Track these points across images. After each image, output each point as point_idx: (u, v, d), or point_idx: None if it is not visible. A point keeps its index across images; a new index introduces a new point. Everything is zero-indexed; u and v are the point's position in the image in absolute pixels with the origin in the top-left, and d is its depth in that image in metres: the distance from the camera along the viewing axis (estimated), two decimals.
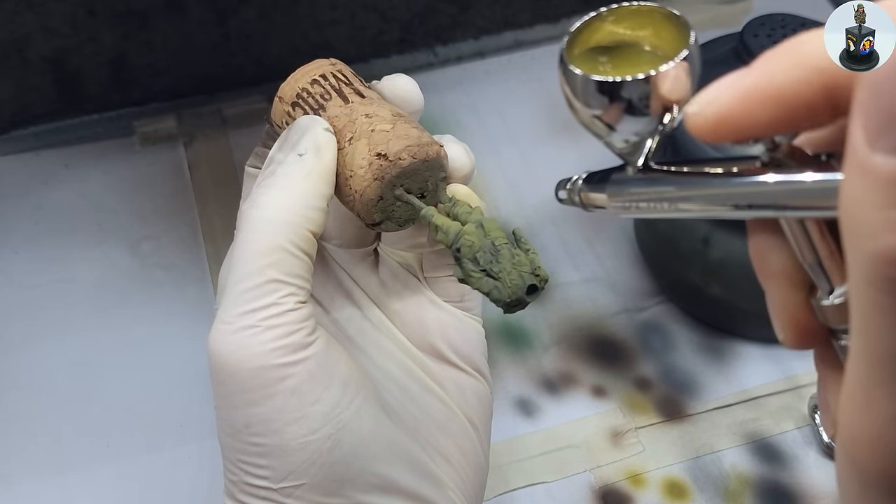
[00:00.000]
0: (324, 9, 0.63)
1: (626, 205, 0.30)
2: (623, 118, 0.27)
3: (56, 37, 0.59)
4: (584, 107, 0.28)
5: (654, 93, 0.27)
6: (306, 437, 0.31)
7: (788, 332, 0.25)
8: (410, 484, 0.34)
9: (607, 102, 0.27)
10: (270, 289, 0.31)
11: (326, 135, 0.33)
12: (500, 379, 0.51)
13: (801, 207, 0.23)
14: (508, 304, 0.32)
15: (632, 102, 0.27)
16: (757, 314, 0.50)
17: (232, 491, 0.33)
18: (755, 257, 0.25)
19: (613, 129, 0.28)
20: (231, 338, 0.31)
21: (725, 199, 0.25)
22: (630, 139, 0.28)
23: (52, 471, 0.47)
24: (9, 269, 0.56)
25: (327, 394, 0.32)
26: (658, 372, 0.51)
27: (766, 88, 0.21)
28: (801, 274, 0.24)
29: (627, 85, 0.27)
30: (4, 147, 0.62)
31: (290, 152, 0.33)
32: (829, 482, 0.47)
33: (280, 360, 0.31)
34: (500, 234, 0.33)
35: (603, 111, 0.28)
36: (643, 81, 0.26)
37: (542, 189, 0.59)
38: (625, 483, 0.47)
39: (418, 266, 0.38)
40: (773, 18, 0.47)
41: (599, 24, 0.30)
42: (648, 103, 0.27)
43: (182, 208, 0.58)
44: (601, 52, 0.30)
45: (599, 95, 0.27)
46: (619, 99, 0.27)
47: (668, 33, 0.29)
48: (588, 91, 0.27)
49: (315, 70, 0.36)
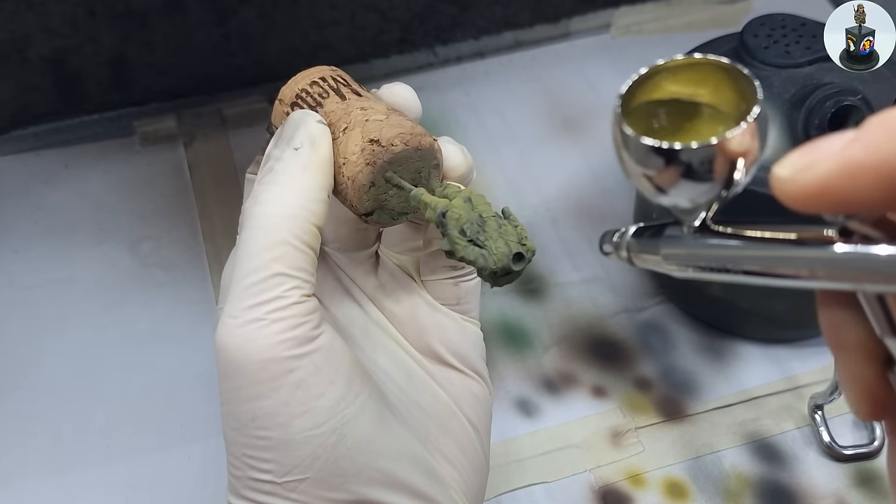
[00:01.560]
0: (324, 9, 0.63)
1: (681, 267, 0.27)
2: (680, 183, 0.25)
3: (56, 37, 0.60)
4: (637, 166, 0.25)
5: (720, 157, 0.24)
6: (311, 431, 0.31)
7: (862, 404, 0.24)
8: (414, 481, 0.34)
9: (663, 165, 0.24)
10: (276, 282, 0.31)
11: (320, 126, 0.33)
12: (499, 379, 0.51)
13: (884, 282, 0.21)
14: (495, 274, 0.32)
15: (692, 168, 0.24)
16: (757, 314, 0.50)
17: (236, 487, 0.33)
18: (827, 328, 0.24)
19: (665, 193, 0.25)
20: (238, 331, 0.31)
21: (798, 269, 0.23)
22: (684, 205, 0.26)
23: (52, 470, 0.47)
24: (9, 269, 0.56)
25: (332, 388, 0.32)
26: (658, 372, 0.51)
27: (877, 165, 0.19)
28: (876, 346, 0.23)
29: (688, 151, 0.24)
30: (4, 147, 0.62)
31: (287, 147, 0.33)
32: (829, 482, 0.47)
33: (286, 352, 0.31)
34: (488, 207, 0.33)
35: (657, 173, 0.25)
36: (707, 147, 0.24)
37: (543, 189, 0.59)
38: (625, 483, 0.47)
39: (415, 270, 0.39)
40: (773, 18, 0.47)
41: (655, 80, 0.26)
42: (712, 168, 0.24)
43: (182, 208, 0.58)
44: (659, 105, 0.27)
45: (656, 158, 0.24)
46: (678, 163, 0.24)
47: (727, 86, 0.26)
48: (643, 154, 0.25)
49: (315, 73, 0.37)
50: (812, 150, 0.21)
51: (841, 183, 0.20)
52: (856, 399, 0.24)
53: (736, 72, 0.25)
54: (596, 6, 0.69)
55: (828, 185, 0.20)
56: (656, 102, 0.27)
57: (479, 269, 0.32)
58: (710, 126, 0.26)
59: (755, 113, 0.24)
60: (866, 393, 0.24)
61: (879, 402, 0.24)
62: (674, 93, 0.26)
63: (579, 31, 0.69)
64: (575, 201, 0.59)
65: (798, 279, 0.23)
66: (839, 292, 0.24)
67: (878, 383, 0.24)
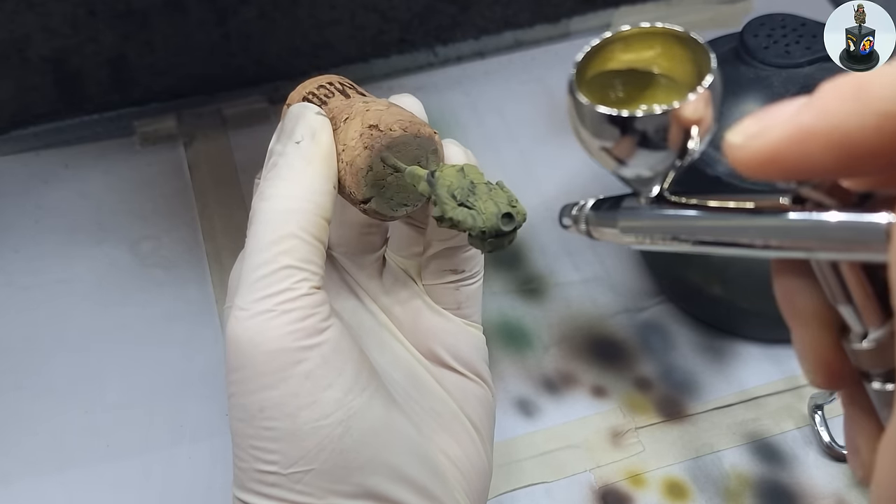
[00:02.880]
0: (324, 9, 0.63)
1: (638, 238, 0.27)
2: (637, 152, 0.25)
3: (56, 37, 0.60)
4: (593, 138, 0.25)
5: (674, 126, 0.24)
6: (318, 422, 0.32)
7: (817, 374, 0.24)
8: (419, 477, 0.34)
9: (619, 135, 0.24)
10: (285, 275, 0.31)
11: (319, 118, 0.34)
12: (500, 379, 0.51)
13: (837, 249, 0.21)
14: (484, 235, 0.32)
15: (647, 136, 0.24)
16: (757, 314, 0.50)
17: (241, 479, 0.33)
18: (781, 297, 0.24)
19: (624, 164, 0.25)
20: (248, 323, 0.31)
21: (752, 238, 0.23)
22: (643, 174, 0.26)
23: (52, 470, 0.47)
24: (9, 269, 0.56)
25: (340, 380, 0.32)
26: (658, 372, 0.51)
27: (828, 131, 0.19)
28: (831, 315, 0.23)
29: (643, 119, 0.24)
30: (4, 147, 0.62)
31: (288, 142, 0.33)
32: (829, 482, 0.47)
33: (296, 343, 0.31)
34: (480, 176, 0.33)
35: (614, 144, 0.25)
36: (661, 115, 0.24)
37: (543, 189, 0.59)
38: (625, 483, 0.47)
39: (417, 274, 0.39)
40: (773, 18, 0.47)
41: (609, 50, 0.26)
42: (666, 137, 0.24)
43: (182, 208, 0.58)
44: (614, 76, 0.27)
45: (611, 128, 0.24)
46: (633, 132, 0.24)
47: (682, 55, 0.26)
48: (598, 124, 0.25)
49: (323, 79, 0.37)
50: (764, 116, 0.20)
51: (792, 148, 0.20)
52: (811, 368, 0.24)
53: (691, 40, 0.25)
54: (596, 6, 0.69)
55: (779, 150, 0.20)
56: (611, 73, 0.26)
57: (469, 233, 0.32)
58: (665, 96, 0.25)
59: (708, 81, 0.24)
60: (822, 362, 0.24)
61: (835, 371, 0.24)
62: (629, 62, 0.26)
63: (579, 31, 0.69)
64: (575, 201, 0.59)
65: (752, 248, 0.23)
66: (794, 261, 0.24)
67: (834, 352, 0.24)
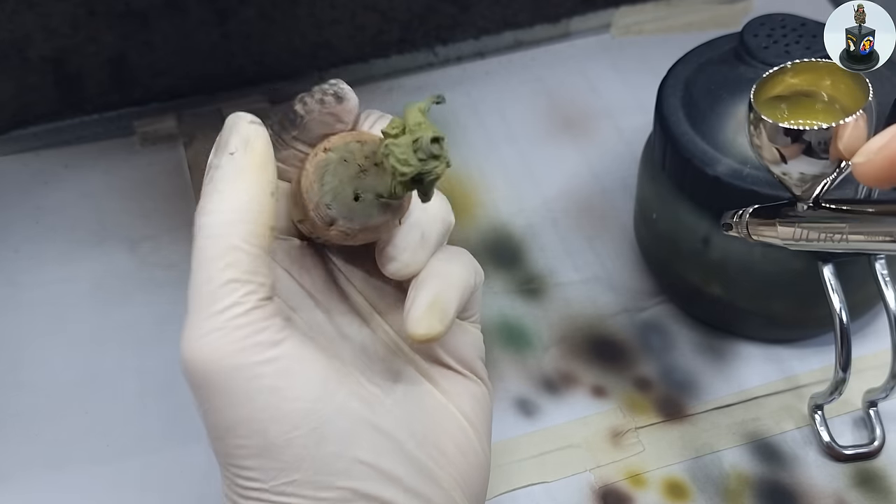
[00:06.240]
0: (324, 9, 0.63)
1: (796, 238, 0.35)
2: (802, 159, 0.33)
3: (56, 37, 0.60)
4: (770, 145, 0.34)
5: (834, 140, 0.32)
6: (289, 434, 0.31)
7: None
8: (406, 477, 0.34)
9: (790, 143, 0.33)
10: (230, 289, 0.31)
11: (252, 126, 0.33)
12: (499, 379, 0.51)
13: None
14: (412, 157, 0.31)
15: (811, 147, 0.33)
16: (757, 314, 0.50)
17: (228, 493, 0.33)
18: None
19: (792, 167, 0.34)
20: (200, 342, 0.31)
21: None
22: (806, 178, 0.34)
23: (51, 470, 0.47)
24: (9, 269, 0.56)
25: (306, 389, 0.32)
26: (658, 372, 0.51)
27: None
28: None
29: (812, 132, 0.32)
30: (4, 147, 0.62)
31: (223, 154, 0.33)
32: (829, 482, 0.47)
33: (252, 358, 0.31)
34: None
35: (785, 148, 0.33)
36: (826, 130, 0.32)
37: (543, 189, 0.59)
38: (625, 483, 0.47)
39: None
40: (773, 18, 0.47)
41: (781, 77, 0.35)
42: (827, 149, 0.32)
43: (182, 208, 0.58)
44: (780, 101, 0.35)
45: (784, 138, 0.33)
46: (802, 142, 0.33)
47: (846, 87, 0.33)
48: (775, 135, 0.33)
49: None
50: (881, 135, 0.28)
51: None
52: None
53: (853, 74, 0.33)
54: (596, 6, 0.69)
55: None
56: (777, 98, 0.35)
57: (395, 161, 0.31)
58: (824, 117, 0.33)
59: (866, 105, 0.32)
60: None
61: None
62: (795, 85, 0.35)
63: (579, 31, 0.69)
64: (575, 201, 0.59)
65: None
66: None
67: None
